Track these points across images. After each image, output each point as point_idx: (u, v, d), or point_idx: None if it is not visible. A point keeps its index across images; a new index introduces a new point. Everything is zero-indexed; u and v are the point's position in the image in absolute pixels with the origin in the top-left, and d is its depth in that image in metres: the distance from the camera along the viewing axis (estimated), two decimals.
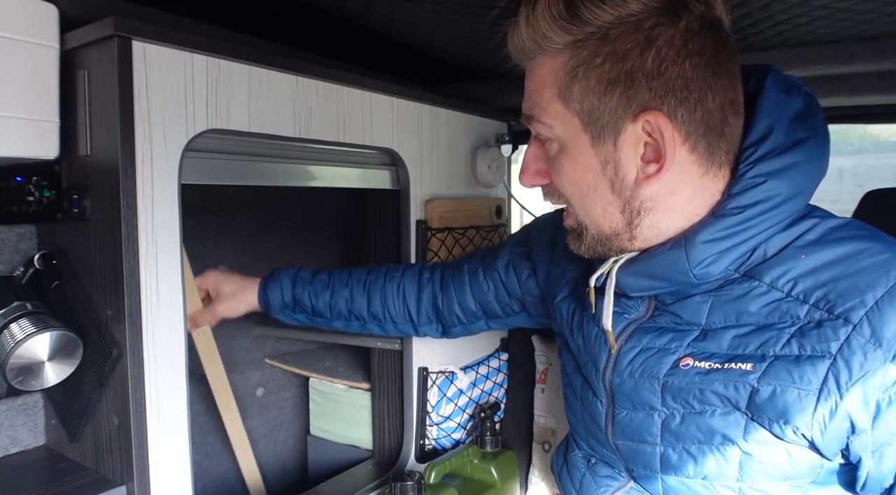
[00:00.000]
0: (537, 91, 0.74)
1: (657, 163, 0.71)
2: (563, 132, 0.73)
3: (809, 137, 0.73)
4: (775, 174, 0.71)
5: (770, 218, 0.71)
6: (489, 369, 1.51)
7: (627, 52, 0.67)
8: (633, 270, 0.77)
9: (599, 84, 0.69)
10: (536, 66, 0.73)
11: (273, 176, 1.13)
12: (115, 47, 0.80)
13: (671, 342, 0.78)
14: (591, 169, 0.73)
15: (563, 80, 0.70)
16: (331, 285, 1.19)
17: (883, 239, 0.71)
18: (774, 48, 1.32)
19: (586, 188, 0.74)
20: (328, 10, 1.12)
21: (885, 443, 0.65)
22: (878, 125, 4.27)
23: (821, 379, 0.66)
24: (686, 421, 0.76)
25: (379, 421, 1.44)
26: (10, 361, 0.83)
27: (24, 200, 0.91)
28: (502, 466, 1.34)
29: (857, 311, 0.66)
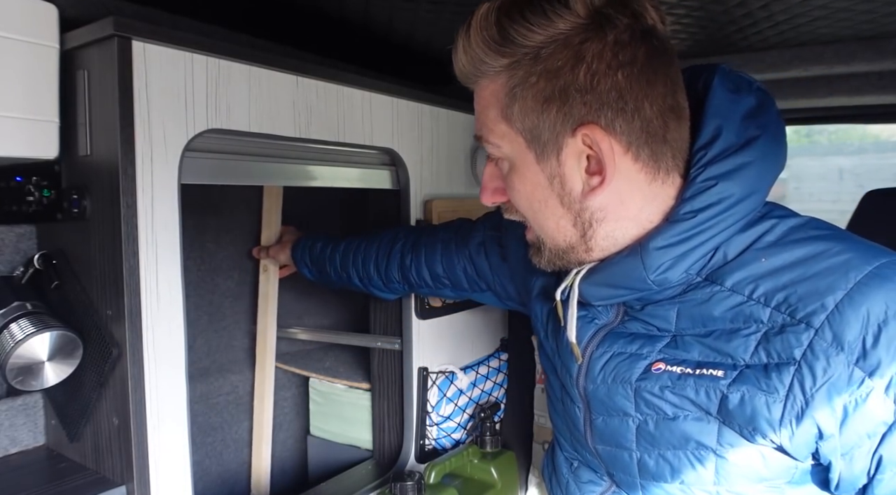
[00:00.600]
0: (483, 112, 0.75)
1: (600, 175, 0.71)
2: (510, 151, 0.74)
3: (761, 135, 0.73)
4: (726, 176, 0.70)
5: (725, 219, 0.71)
6: (489, 369, 1.51)
7: (559, 70, 0.68)
8: (593, 280, 0.78)
9: (536, 102, 0.70)
10: (480, 89, 0.75)
11: (273, 176, 1.13)
12: (115, 47, 0.80)
13: (642, 347, 0.78)
14: (540, 185, 0.74)
15: (504, 100, 0.72)
16: (340, 252, 1.29)
17: (843, 238, 0.71)
18: (774, 48, 1.32)
19: (537, 204, 0.75)
20: (328, 10, 1.12)
21: (855, 446, 0.65)
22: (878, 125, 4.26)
23: (787, 387, 0.67)
24: (660, 427, 0.76)
25: (379, 421, 1.44)
26: (10, 361, 0.83)
27: (24, 200, 0.91)
28: (502, 466, 1.34)
29: (819, 315, 0.65)
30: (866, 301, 0.64)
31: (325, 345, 1.70)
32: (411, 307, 1.32)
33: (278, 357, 1.62)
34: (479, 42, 0.70)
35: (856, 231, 0.74)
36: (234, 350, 1.53)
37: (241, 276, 1.53)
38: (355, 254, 1.25)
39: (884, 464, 0.65)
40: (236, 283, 1.52)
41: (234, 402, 1.53)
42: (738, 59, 1.38)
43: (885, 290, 0.64)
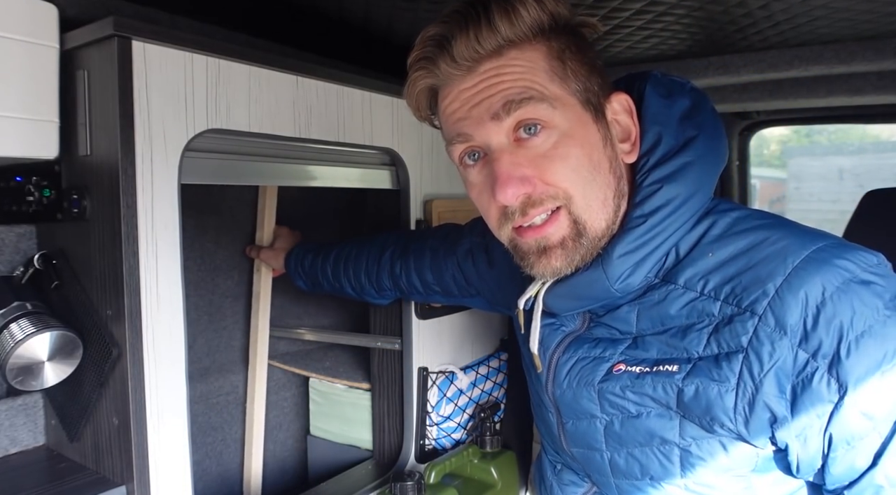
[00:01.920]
0: (524, 76, 0.71)
1: (628, 141, 0.76)
2: (563, 114, 0.72)
3: (699, 134, 0.76)
4: (670, 178, 0.74)
5: (675, 220, 0.74)
6: (489, 369, 1.51)
7: (585, 46, 0.75)
8: (557, 292, 0.79)
9: (584, 67, 0.73)
10: (509, 60, 0.72)
11: (273, 176, 1.13)
12: (114, 47, 0.80)
13: (605, 350, 0.80)
14: (596, 147, 0.74)
15: (553, 64, 0.72)
16: (331, 263, 1.29)
17: (783, 226, 0.73)
18: (774, 48, 1.32)
19: (593, 170, 0.73)
20: (328, 11, 1.13)
21: (807, 427, 0.67)
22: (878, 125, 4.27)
23: (737, 374, 0.69)
24: (625, 426, 0.78)
25: (379, 421, 1.44)
26: (10, 361, 0.83)
27: (24, 200, 0.91)
28: (502, 466, 1.34)
29: (761, 302, 0.68)
30: (804, 284, 0.66)
31: (325, 345, 1.70)
32: (411, 307, 1.32)
33: (279, 357, 1.62)
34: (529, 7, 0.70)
35: (856, 231, 0.74)
36: (234, 350, 1.53)
37: (241, 276, 1.53)
38: (346, 263, 1.26)
39: (835, 443, 0.66)
40: (236, 283, 1.52)
41: (233, 402, 1.53)
42: (738, 59, 1.38)
43: (822, 273, 0.66)
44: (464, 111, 0.74)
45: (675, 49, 1.37)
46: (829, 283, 0.66)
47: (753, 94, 1.55)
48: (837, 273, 0.66)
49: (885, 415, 0.64)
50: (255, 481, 1.54)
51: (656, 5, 1.08)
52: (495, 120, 0.71)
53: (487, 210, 0.77)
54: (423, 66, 0.76)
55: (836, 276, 0.66)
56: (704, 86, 1.55)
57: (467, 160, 0.77)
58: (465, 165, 0.78)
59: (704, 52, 1.39)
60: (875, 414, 0.64)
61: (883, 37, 1.21)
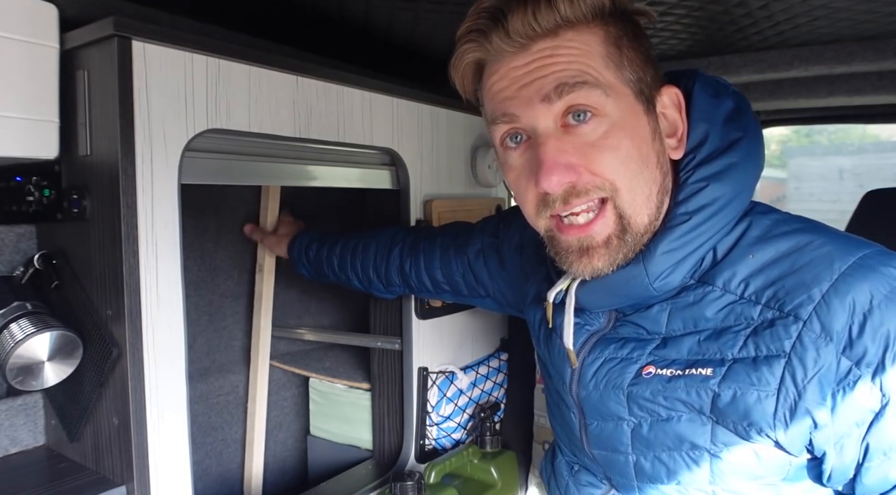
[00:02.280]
0: (578, 59, 0.69)
1: (675, 137, 0.75)
2: (615, 103, 0.70)
3: (744, 136, 0.75)
4: (716, 177, 0.72)
5: (718, 221, 0.72)
6: (489, 369, 1.51)
7: (641, 35, 0.73)
8: (592, 287, 0.77)
9: (639, 56, 0.72)
10: (565, 41, 0.69)
11: (273, 176, 1.13)
12: (115, 47, 0.80)
13: (633, 351, 0.78)
14: (646, 140, 0.72)
15: (610, 50, 0.70)
16: (337, 255, 1.28)
17: (824, 231, 0.72)
18: (774, 48, 1.32)
19: (641, 163, 0.71)
20: (328, 11, 1.13)
21: (845, 435, 0.66)
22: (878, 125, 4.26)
23: (778, 379, 0.67)
24: (654, 429, 0.76)
25: (379, 421, 1.44)
26: (10, 361, 0.83)
27: (24, 200, 0.91)
28: (502, 466, 1.34)
29: (806, 307, 0.66)
30: (851, 290, 0.65)
31: (325, 345, 1.70)
32: (411, 307, 1.32)
33: (279, 357, 1.62)
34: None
35: (856, 231, 0.74)
36: (234, 350, 1.53)
37: (241, 276, 1.53)
38: (353, 257, 1.25)
39: (871, 452, 0.66)
40: (236, 283, 1.52)
41: (233, 402, 1.53)
42: (738, 59, 1.38)
43: (870, 280, 0.65)
44: (512, 90, 0.71)
45: (675, 49, 1.37)
46: (877, 291, 0.64)
47: (753, 94, 1.55)
48: (885, 281, 0.65)
49: None
50: (256, 481, 1.54)
51: (656, 5, 1.08)
52: (545, 102, 0.69)
53: (524, 196, 0.75)
54: (473, 39, 0.73)
55: (885, 284, 0.65)
56: None
57: (509, 142, 0.74)
58: (506, 147, 0.75)
59: (704, 52, 1.39)
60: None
61: (883, 37, 1.21)
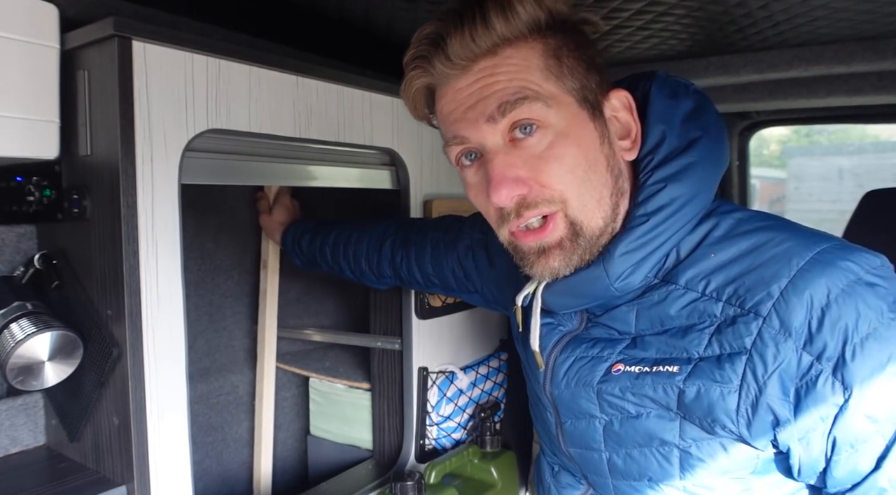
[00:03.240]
0: (519, 75, 0.71)
1: (628, 138, 0.76)
2: (558, 113, 0.71)
3: (703, 136, 0.76)
4: (673, 177, 0.74)
5: (677, 221, 0.73)
6: (489, 369, 1.51)
7: (584, 44, 0.74)
8: (556, 289, 0.79)
9: (581, 64, 0.73)
10: (504, 58, 0.71)
11: (273, 176, 1.13)
12: (115, 47, 0.80)
13: (603, 350, 0.80)
14: (593, 146, 0.73)
15: (549, 62, 0.71)
16: (330, 246, 1.29)
17: (786, 227, 0.73)
18: (774, 48, 1.32)
19: (589, 169, 0.72)
20: (328, 11, 1.13)
21: (810, 430, 0.67)
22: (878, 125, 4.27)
23: (740, 376, 0.69)
24: (624, 426, 0.78)
25: (379, 421, 1.44)
26: (11, 361, 0.83)
27: (24, 200, 0.91)
28: (502, 466, 1.34)
29: (765, 304, 0.68)
30: (809, 286, 0.66)
31: (325, 344, 1.70)
32: (411, 307, 1.32)
33: (279, 357, 1.62)
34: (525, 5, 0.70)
35: (856, 231, 0.74)
36: (234, 350, 1.53)
37: (241, 276, 1.53)
38: (345, 248, 1.26)
39: (838, 446, 0.66)
40: (236, 283, 1.52)
41: (234, 402, 1.53)
42: (738, 59, 1.38)
43: (827, 275, 0.66)
44: (459, 112, 0.73)
45: (675, 49, 1.37)
46: (833, 285, 0.65)
47: (753, 94, 1.55)
48: (842, 275, 0.66)
49: (888, 418, 0.64)
50: (265, 479, 1.55)
51: (656, 5, 1.08)
52: (490, 122, 0.71)
53: (486, 210, 0.78)
54: (418, 65, 0.75)
55: (841, 278, 0.66)
56: (704, 86, 1.55)
57: (464, 160, 0.77)
58: (462, 166, 0.78)
59: (704, 52, 1.39)
60: (879, 417, 0.64)
61: (882, 37, 1.21)
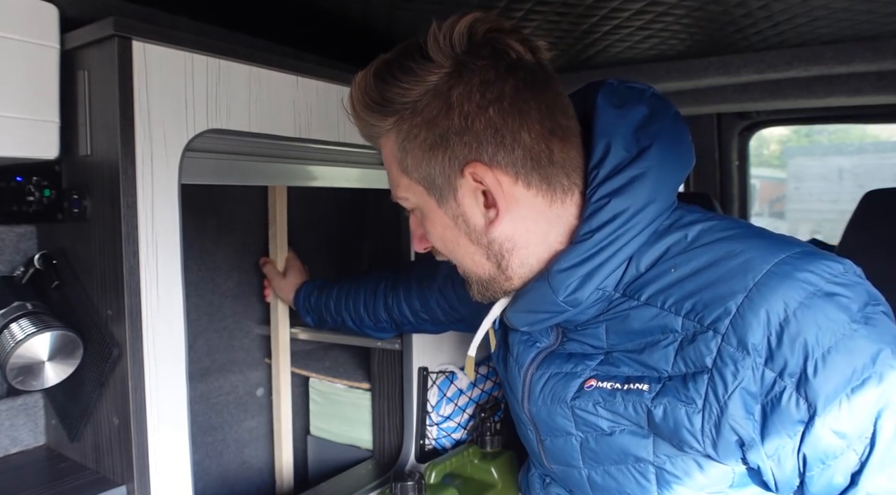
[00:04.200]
0: (388, 169, 0.79)
1: (495, 208, 0.74)
2: (415, 200, 0.77)
3: (652, 144, 0.74)
4: (618, 192, 0.72)
5: (626, 233, 0.72)
6: (489, 369, 1.51)
7: (435, 118, 0.71)
8: (515, 307, 0.80)
9: (423, 151, 0.73)
10: (382, 148, 0.78)
11: (273, 176, 1.13)
12: (115, 47, 0.80)
13: (577, 366, 0.79)
14: (447, 226, 0.77)
15: (398, 155, 0.75)
16: (333, 298, 1.33)
17: (747, 237, 0.71)
18: (774, 48, 1.32)
19: (451, 244, 0.78)
20: (328, 10, 1.12)
21: (779, 447, 0.66)
22: (878, 125, 4.27)
23: (703, 396, 0.68)
24: (599, 443, 0.78)
25: (379, 421, 1.44)
26: (11, 361, 0.83)
27: (24, 200, 0.91)
28: (502, 466, 1.34)
29: (723, 321, 0.66)
30: (765, 302, 0.64)
31: (325, 344, 1.70)
32: None
33: None
34: (364, 108, 0.75)
35: (856, 231, 0.74)
36: (234, 350, 1.53)
37: (241, 276, 1.53)
38: (346, 298, 1.30)
39: (809, 462, 0.65)
40: (236, 283, 1.52)
41: (234, 402, 1.53)
42: (738, 59, 1.38)
43: (784, 288, 0.64)
44: None
45: (675, 49, 1.37)
46: (791, 299, 0.64)
47: (753, 94, 1.55)
48: (799, 287, 0.64)
49: (857, 433, 0.63)
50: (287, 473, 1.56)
51: (656, 5, 1.08)
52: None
53: None
54: None
55: (799, 291, 0.64)
56: (704, 86, 1.56)
57: None
58: None
59: (704, 52, 1.39)
60: (847, 433, 0.63)
61: (882, 37, 1.21)
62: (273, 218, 1.51)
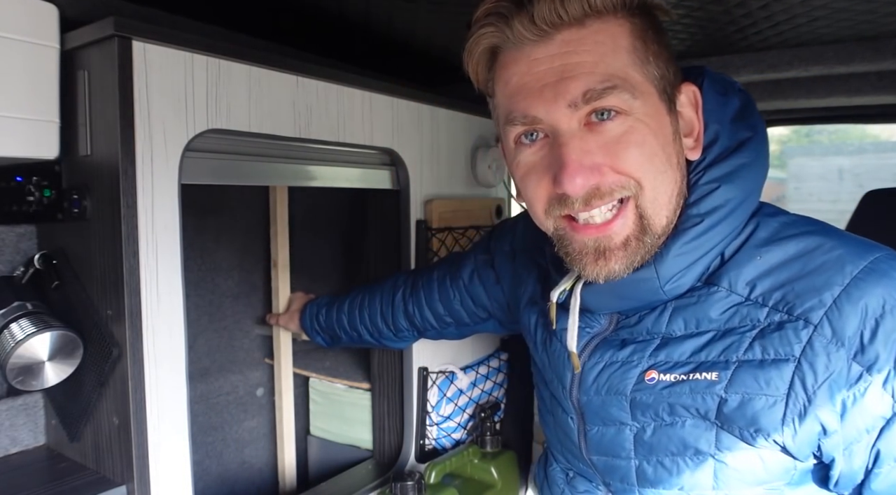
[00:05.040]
0: (605, 60, 0.66)
1: (691, 136, 0.72)
2: (642, 103, 0.67)
3: (753, 136, 0.73)
4: (726, 178, 0.71)
5: (730, 223, 0.71)
6: (489, 369, 1.51)
7: (663, 30, 0.70)
8: (599, 289, 0.75)
9: (664, 52, 0.69)
10: (592, 33, 0.66)
11: (273, 176, 1.13)
12: (115, 47, 0.80)
13: (633, 354, 0.76)
14: (669, 139, 0.70)
15: (636, 44, 0.67)
16: (345, 313, 1.27)
17: (834, 233, 0.70)
18: (774, 48, 1.32)
19: (665, 161, 0.69)
20: (328, 10, 1.13)
21: (854, 441, 0.65)
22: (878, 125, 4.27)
23: (787, 384, 0.66)
24: (657, 434, 0.75)
25: (379, 421, 1.44)
26: (11, 361, 0.83)
27: (24, 200, 0.91)
28: (502, 466, 1.34)
29: (817, 312, 0.65)
30: (864, 295, 0.64)
31: None
32: None
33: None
34: None
35: (856, 231, 0.74)
36: (234, 350, 1.53)
37: (241, 276, 1.53)
38: (360, 310, 1.25)
39: (881, 458, 0.65)
40: (236, 283, 1.52)
41: (234, 402, 1.53)
42: (738, 59, 1.38)
43: (882, 285, 0.64)
44: (535, 88, 0.67)
45: (675, 49, 1.37)
46: (889, 296, 0.63)
47: (753, 93, 1.54)
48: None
49: None
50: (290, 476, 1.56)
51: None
52: (571, 107, 0.66)
53: (535, 193, 0.72)
54: (492, 23, 0.68)
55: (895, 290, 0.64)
56: None
57: (523, 139, 0.71)
58: (519, 144, 0.72)
59: (704, 52, 1.39)
60: None
61: (882, 37, 1.21)
62: (273, 218, 1.51)
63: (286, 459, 1.57)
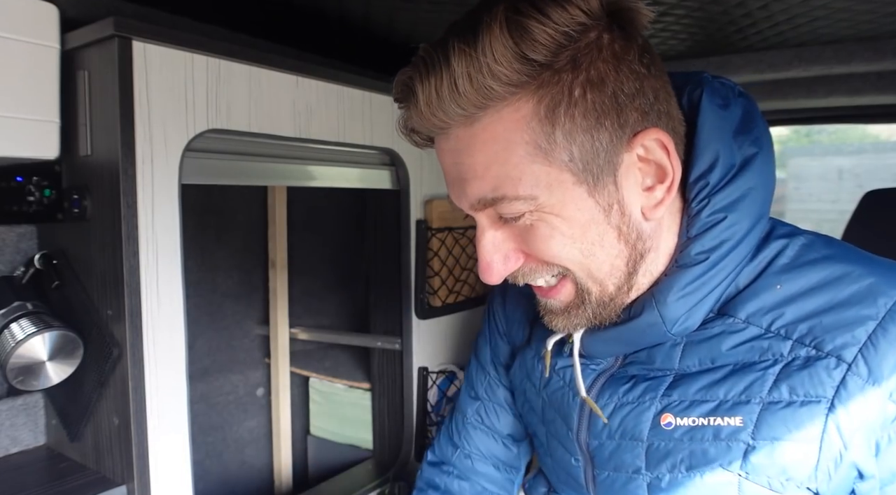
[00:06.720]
0: (497, 161, 0.59)
1: (662, 183, 0.63)
2: (548, 197, 0.60)
3: (759, 152, 0.66)
4: (732, 206, 0.64)
5: (738, 254, 0.65)
6: None
7: (604, 75, 0.57)
8: (601, 337, 0.70)
9: (588, 119, 0.58)
10: (481, 130, 0.59)
11: (273, 176, 1.13)
12: (115, 47, 0.80)
13: (645, 394, 0.70)
14: (594, 221, 0.62)
15: (539, 128, 0.58)
16: None
17: (859, 258, 0.65)
18: (774, 48, 1.32)
19: (590, 246, 0.63)
20: (328, 10, 1.12)
21: (888, 483, 0.61)
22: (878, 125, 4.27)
23: (820, 428, 0.60)
24: (673, 484, 0.68)
25: (379, 421, 1.44)
26: (11, 361, 0.83)
27: (24, 200, 0.91)
28: None
29: (850, 349, 0.60)
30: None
31: (325, 344, 1.70)
32: (411, 307, 1.32)
33: None
34: (498, 57, 0.55)
35: (856, 231, 0.73)
36: (234, 350, 1.54)
37: (242, 276, 1.53)
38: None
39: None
40: (236, 283, 1.52)
41: (234, 402, 1.54)
42: (738, 59, 1.38)
43: None
44: (448, 178, 0.66)
45: (675, 49, 1.37)
46: None
47: (753, 94, 1.54)
48: None
49: None
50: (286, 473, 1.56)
51: (656, 5, 1.08)
52: (472, 209, 0.64)
53: None
54: (402, 108, 0.66)
55: None
56: None
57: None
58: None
59: (704, 52, 1.39)
60: None
61: (882, 37, 1.21)
62: (273, 218, 1.51)
63: (283, 459, 1.57)
